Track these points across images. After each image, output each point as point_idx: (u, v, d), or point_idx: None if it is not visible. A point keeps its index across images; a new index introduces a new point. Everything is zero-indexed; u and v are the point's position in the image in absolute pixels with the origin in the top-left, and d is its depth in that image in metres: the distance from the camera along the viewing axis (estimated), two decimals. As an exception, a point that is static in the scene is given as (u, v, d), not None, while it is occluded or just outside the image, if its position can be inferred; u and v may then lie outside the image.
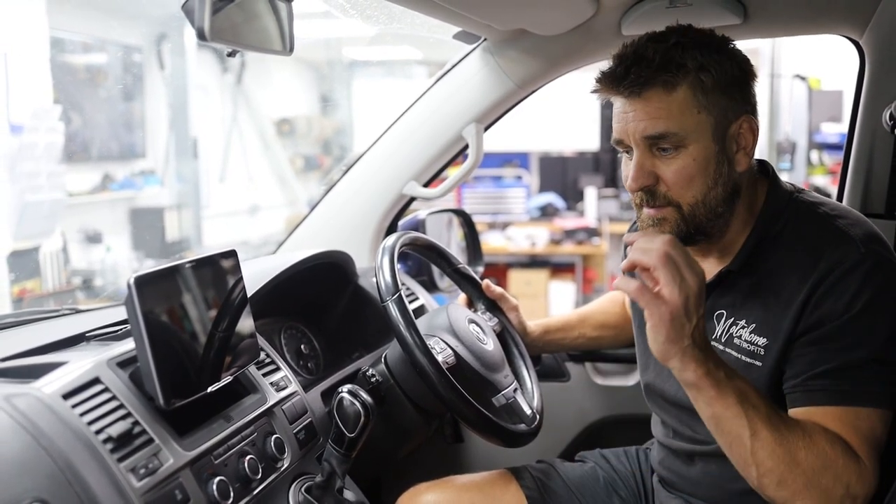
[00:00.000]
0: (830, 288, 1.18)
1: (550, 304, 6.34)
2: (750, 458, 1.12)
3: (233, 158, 6.83)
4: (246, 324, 1.27)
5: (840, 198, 1.83)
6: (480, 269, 2.17)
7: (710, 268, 1.34)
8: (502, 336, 1.68)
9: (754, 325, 1.26)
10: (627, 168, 1.27)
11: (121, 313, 1.45)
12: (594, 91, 1.28)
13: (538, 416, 1.53)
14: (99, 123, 5.34)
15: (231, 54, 1.17)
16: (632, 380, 1.98)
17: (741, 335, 1.28)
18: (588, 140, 6.95)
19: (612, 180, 7.18)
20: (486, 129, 1.94)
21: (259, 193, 7.19)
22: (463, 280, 1.73)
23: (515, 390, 1.53)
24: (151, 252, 5.54)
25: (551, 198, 6.93)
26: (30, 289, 4.42)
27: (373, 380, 1.45)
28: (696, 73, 1.20)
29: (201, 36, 1.03)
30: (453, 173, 2.00)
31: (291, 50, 1.27)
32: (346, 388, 1.30)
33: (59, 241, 4.61)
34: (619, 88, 1.23)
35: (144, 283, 1.10)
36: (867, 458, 1.12)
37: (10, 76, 4.11)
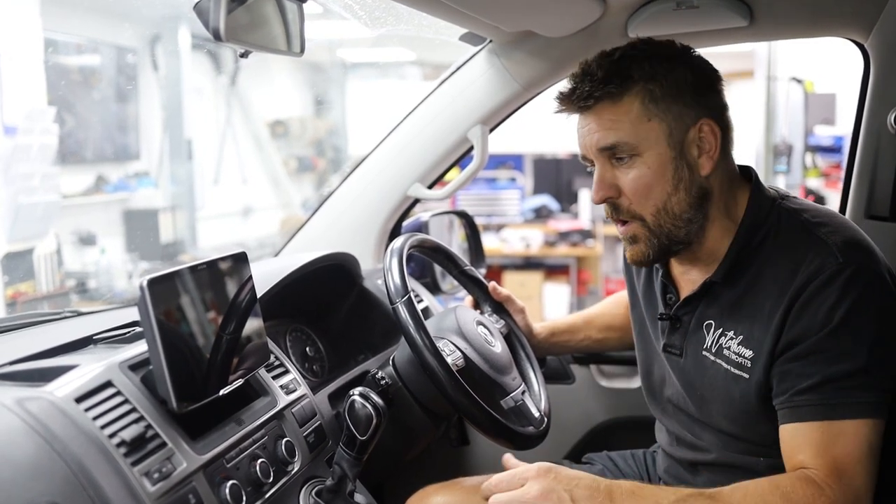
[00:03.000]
0: (808, 301, 1.18)
1: (545, 307, 6.34)
2: None
3: (227, 160, 6.80)
4: (257, 326, 1.27)
5: (844, 201, 1.82)
6: (483, 270, 2.17)
7: (696, 277, 1.35)
8: (509, 338, 1.68)
9: (741, 336, 1.26)
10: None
11: (124, 315, 1.45)
12: (556, 111, 1.34)
13: (546, 419, 1.53)
14: (93, 125, 5.32)
15: (244, 55, 1.16)
16: (636, 382, 1.97)
17: (730, 346, 1.28)
18: (582, 142, 6.94)
19: (607, 182, 7.18)
20: (491, 130, 1.94)
21: (253, 195, 7.17)
22: (469, 282, 1.72)
23: (523, 393, 1.53)
24: (146, 254, 5.52)
25: (545, 200, 6.94)
26: (24, 291, 4.39)
27: (382, 382, 1.44)
28: (643, 84, 1.23)
29: (216, 36, 1.03)
30: (455, 176, 1.99)
31: (302, 51, 1.26)
32: (357, 390, 1.30)
33: (53, 244, 4.59)
34: (571, 105, 1.28)
35: (156, 285, 1.09)
36: (836, 486, 1.12)
37: (3, 77, 4.09)
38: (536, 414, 1.51)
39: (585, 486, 1.15)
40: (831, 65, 5.60)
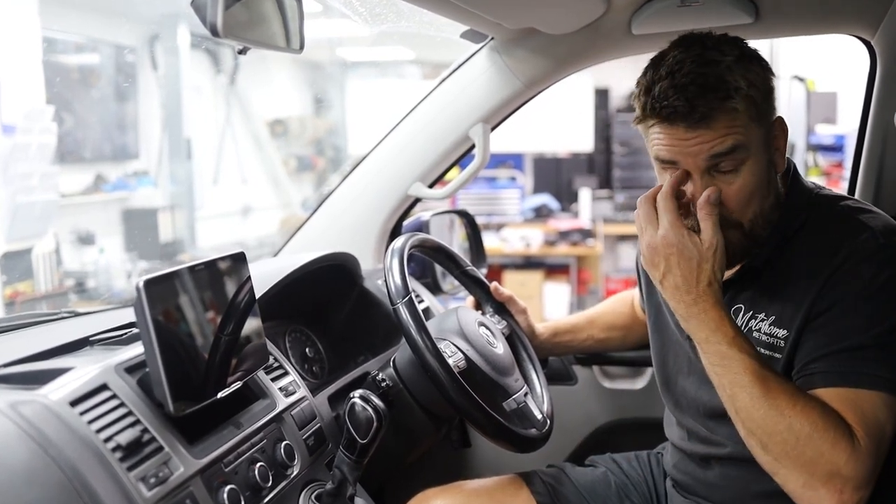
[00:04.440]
0: (844, 275, 1.17)
1: (545, 306, 6.32)
2: (736, 414, 1.13)
3: (226, 159, 6.78)
4: (255, 328, 1.25)
5: (850, 199, 1.81)
6: (484, 270, 2.14)
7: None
8: (511, 339, 1.66)
9: (774, 317, 1.24)
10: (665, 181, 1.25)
11: (122, 316, 1.43)
12: (650, 125, 1.23)
13: (549, 421, 1.51)
14: (92, 124, 5.30)
15: (242, 51, 1.14)
16: (640, 383, 1.96)
17: (760, 328, 1.26)
18: (582, 141, 6.94)
19: (607, 181, 7.17)
20: (493, 129, 1.92)
21: (252, 194, 7.14)
22: (471, 282, 1.70)
23: (526, 394, 1.51)
24: (145, 254, 5.49)
25: (545, 199, 6.92)
26: (22, 291, 4.37)
27: (382, 384, 1.42)
28: (748, 90, 1.19)
29: (214, 32, 1.01)
30: (455, 175, 1.97)
31: (301, 47, 1.24)
32: (357, 393, 1.28)
33: (51, 243, 4.57)
34: (682, 121, 1.18)
35: (153, 286, 1.07)
36: (867, 440, 1.08)
37: (2, 76, 4.07)
38: (539, 416, 1.49)
39: (682, 277, 1.18)
40: (833, 63, 5.57)
